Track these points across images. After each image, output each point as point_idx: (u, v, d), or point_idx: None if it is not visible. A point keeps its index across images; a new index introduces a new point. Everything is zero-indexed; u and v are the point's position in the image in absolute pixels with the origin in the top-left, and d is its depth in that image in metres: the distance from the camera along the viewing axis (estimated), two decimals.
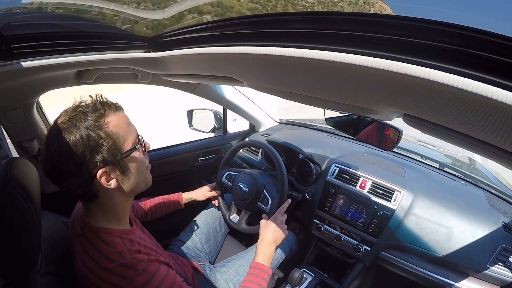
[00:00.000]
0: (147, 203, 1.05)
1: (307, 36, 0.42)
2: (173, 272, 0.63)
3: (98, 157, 0.55)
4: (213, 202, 1.23)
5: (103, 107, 0.58)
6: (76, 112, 0.56)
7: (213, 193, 1.19)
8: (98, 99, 0.60)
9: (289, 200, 1.06)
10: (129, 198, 0.67)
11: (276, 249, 1.12)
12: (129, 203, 0.68)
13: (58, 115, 0.59)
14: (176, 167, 1.48)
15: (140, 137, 0.65)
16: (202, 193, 1.17)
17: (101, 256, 0.57)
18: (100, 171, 0.56)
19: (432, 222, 0.99)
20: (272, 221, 0.96)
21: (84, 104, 0.58)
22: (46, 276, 0.58)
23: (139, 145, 0.63)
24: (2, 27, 0.61)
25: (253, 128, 1.75)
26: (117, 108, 0.61)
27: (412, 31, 0.32)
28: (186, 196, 1.14)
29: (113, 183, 0.58)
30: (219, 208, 1.23)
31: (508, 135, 0.31)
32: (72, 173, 0.54)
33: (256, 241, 1.17)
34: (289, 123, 1.84)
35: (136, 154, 0.62)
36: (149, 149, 0.70)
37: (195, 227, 1.18)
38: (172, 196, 1.11)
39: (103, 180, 0.57)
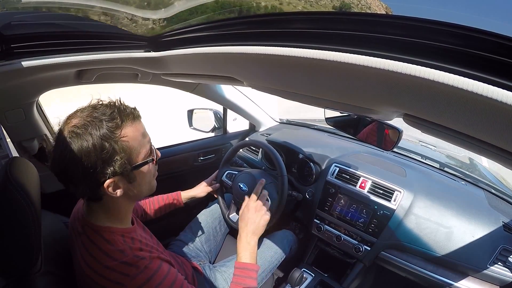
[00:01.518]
0: (147, 203, 1.05)
1: (308, 35, 0.42)
2: (175, 270, 0.63)
3: (109, 169, 0.54)
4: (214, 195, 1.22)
5: (120, 116, 0.56)
6: (92, 118, 0.54)
7: (213, 187, 1.19)
8: (116, 104, 0.58)
9: (263, 181, 0.98)
10: (133, 202, 0.68)
11: (273, 246, 1.11)
12: (132, 206, 0.69)
13: (72, 112, 0.57)
14: (176, 167, 1.48)
15: (152, 148, 0.64)
16: (202, 189, 1.16)
17: (103, 254, 0.57)
18: (108, 181, 0.55)
19: (432, 222, 0.99)
20: (245, 212, 0.88)
21: (101, 106, 0.56)
22: (46, 276, 0.58)
23: (151, 159, 0.62)
24: (2, 27, 0.61)
25: (253, 128, 1.76)
26: (135, 117, 0.59)
27: (413, 31, 0.32)
28: (186, 195, 1.13)
29: (119, 192, 0.58)
30: (216, 202, 1.23)
31: (508, 135, 0.31)
32: (80, 179, 0.54)
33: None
34: (289, 123, 1.84)
35: (146, 168, 0.62)
36: None
37: (195, 227, 1.18)
38: (172, 195, 1.11)
39: (110, 189, 0.56)
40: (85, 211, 0.63)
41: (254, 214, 0.87)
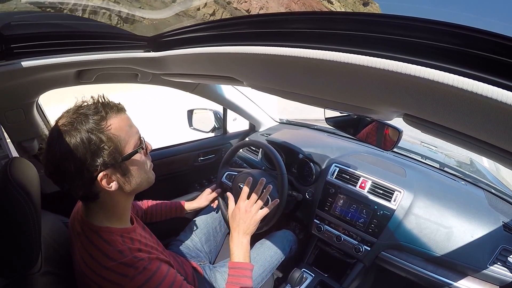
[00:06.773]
0: (148, 205, 1.05)
1: (308, 35, 0.42)
2: (174, 270, 0.63)
3: (99, 161, 0.55)
4: (212, 205, 1.21)
5: (104, 109, 0.57)
6: (78, 114, 0.55)
7: (214, 194, 1.19)
8: (100, 100, 0.59)
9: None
10: (130, 197, 0.68)
11: (273, 246, 1.11)
12: (129, 202, 0.68)
13: (60, 115, 0.58)
14: (176, 167, 1.48)
15: (142, 138, 0.65)
16: (204, 198, 1.16)
17: (102, 254, 0.57)
18: (101, 174, 0.56)
19: (432, 222, 0.99)
20: (236, 212, 0.87)
21: (85, 105, 0.58)
22: (46, 276, 0.58)
23: (141, 148, 0.63)
24: (2, 27, 0.61)
25: (253, 128, 1.76)
26: (119, 109, 0.60)
27: (412, 31, 0.32)
28: (189, 206, 1.13)
29: (114, 185, 0.58)
30: (218, 210, 1.23)
31: (508, 135, 0.31)
32: (73, 175, 0.54)
33: (257, 240, 1.17)
34: (289, 123, 1.84)
35: (137, 156, 0.62)
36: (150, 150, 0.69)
37: (195, 227, 1.18)
38: (175, 204, 1.11)
39: (104, 182, 0.56)
40: (84, 212, 0.63)
41: (245, 214, 0.85)
